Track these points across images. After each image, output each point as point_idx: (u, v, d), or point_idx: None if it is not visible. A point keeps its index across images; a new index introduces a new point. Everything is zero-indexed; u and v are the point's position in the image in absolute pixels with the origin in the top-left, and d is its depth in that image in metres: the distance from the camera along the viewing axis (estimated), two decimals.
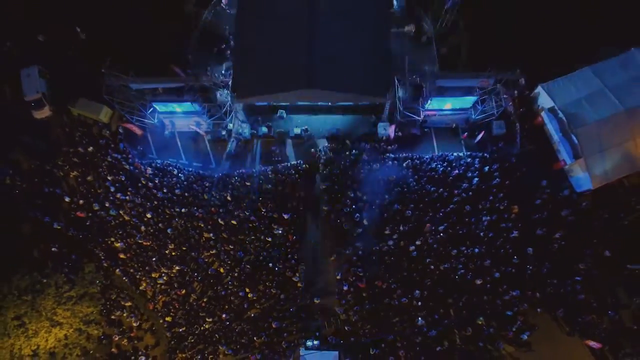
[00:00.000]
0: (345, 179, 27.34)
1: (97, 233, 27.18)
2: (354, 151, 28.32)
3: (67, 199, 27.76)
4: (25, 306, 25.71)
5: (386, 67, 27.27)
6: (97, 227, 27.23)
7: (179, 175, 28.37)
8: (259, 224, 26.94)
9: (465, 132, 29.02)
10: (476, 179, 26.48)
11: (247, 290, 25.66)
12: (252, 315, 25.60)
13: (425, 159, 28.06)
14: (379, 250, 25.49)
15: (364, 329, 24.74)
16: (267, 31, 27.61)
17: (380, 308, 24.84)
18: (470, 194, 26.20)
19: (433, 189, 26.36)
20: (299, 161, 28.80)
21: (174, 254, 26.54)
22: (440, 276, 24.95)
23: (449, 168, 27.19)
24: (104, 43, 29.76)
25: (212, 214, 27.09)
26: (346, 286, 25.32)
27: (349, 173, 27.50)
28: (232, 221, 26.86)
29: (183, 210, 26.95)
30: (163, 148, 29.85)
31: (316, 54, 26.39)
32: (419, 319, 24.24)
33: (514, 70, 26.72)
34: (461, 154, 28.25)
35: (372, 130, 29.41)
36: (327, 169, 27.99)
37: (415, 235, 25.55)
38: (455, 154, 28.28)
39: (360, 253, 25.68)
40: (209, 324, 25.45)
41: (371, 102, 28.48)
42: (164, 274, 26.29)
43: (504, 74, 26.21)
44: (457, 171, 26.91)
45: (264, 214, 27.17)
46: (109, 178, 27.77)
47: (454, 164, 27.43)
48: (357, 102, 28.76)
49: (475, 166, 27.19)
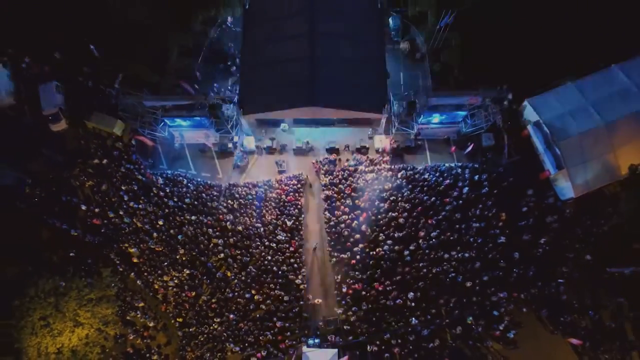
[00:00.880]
0: (344, 188, 28.38)
1: (112, 239, 28.21)
2: (352, 162, 29.56)
3: (83, 207, 28.73)
4: (50, 308, 26.82)
5: (382, 84, 28.23)
6: (112, 233, 28.26)
7: (189, 184, 29.24)
8: (263, 230, 28.03)
9: (453, 146, 29.93)
10: (466, 188, 27.24)
11: (252, 292, 26.57)
12: (258, 315, 26.43)
13: (418, 169, 28.92)
14: (375, 255, 26.20)
15: (361, 328, 25.41)
16: (271, 50, 28.69)
17: (377, 309, 25.47)
18: (461, 202, 27.01)
19: (426, 197, 27.18)
20: (300, 172, 29.79)
21: (184, 258, 27.44)
22: (432, 279, 25.60)
23: (441, 178, 27.95)
24: (117, 60, 30.94)
25: (220, 221, 28.04)
26: (345, 288, 26.21)
27: (348, 182, 28.53)
28: (238, 228, 27.96)
29: (193, 217, 27.88)
30: (173, 159, 30.82)
31: (317, 72, 27.26)
32: (413, 318, 24.89)
33: (500, 89, 27.80)
34: (452, 165, 29.21)
35: (369, 143, 30.52)
36: (326, 179, 29.05)
37: (409, 241, 26.34)
38: (447, 164, 29.20)
39: (358, 257, 26.51)
40: (218, 323, 26.32)
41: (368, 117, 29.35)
42: (175, 278, 27.20)
43: (491, 92, 27.25)
44: (449, 181, 27.68)
45: (268, 220, 28.24)
46: (122, 187, 28.70)
47: (446, 174, 28.22)
48: (355, 118, 29.56)
49: (465, 176, 28.00)
